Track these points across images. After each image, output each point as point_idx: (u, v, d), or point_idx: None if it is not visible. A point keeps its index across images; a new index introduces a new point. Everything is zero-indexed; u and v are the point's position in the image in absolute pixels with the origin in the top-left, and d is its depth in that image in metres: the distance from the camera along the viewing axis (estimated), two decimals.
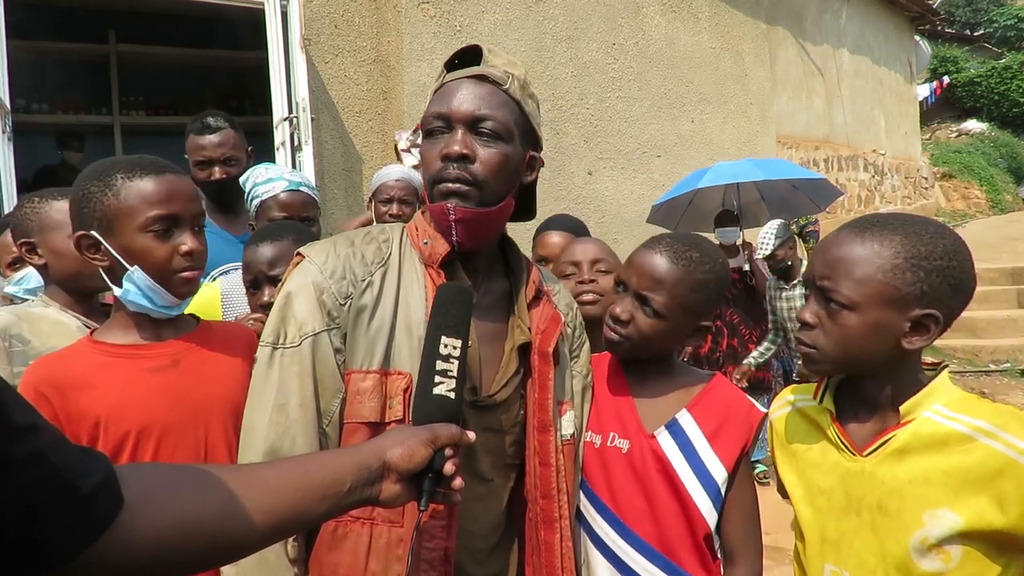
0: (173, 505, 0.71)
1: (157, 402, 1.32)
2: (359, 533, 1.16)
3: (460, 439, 0.99)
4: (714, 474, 1.34)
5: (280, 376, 1.15)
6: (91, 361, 1.33)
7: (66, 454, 0.63)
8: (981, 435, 1.07)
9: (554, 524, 1.27)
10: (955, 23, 22.34)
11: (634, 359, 1.44)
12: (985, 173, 16.03)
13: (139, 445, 1.30)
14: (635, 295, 1.37)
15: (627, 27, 6.03)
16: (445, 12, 4.78)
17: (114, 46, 5.77)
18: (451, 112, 1.19)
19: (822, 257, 1.18)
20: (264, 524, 0.78)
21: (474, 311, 1.22)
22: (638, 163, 6.14)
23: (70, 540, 0.63)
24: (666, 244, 1.38)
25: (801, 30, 8.72)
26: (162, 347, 1.38)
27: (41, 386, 1.28)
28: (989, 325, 8.35)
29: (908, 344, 1.12)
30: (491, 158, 1.19)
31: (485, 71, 1.20)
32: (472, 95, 1.19)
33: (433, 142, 1.21)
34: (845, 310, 1.13)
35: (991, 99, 18.47)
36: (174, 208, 1.33)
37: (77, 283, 1.69)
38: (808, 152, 8.92)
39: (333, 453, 1.02)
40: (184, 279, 1.36)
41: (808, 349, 1.19)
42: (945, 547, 1.08)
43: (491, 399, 1.25)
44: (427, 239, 1.25)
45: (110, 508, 0.66)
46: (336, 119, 4.40)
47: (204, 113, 2.62)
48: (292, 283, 1.19)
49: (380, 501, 0.92)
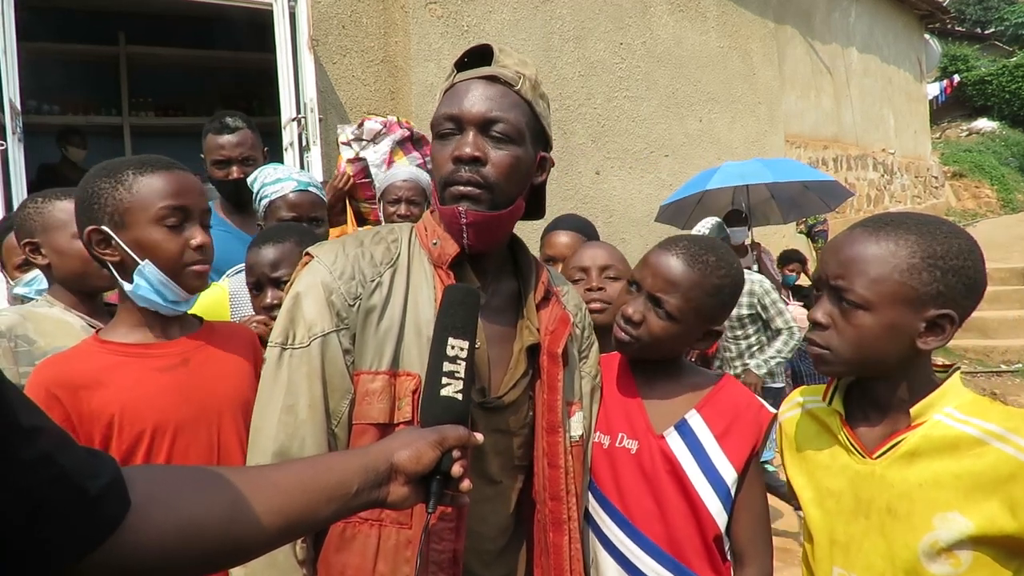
0: (180, 507, 0.71)
1: (169, 400, 1.33)
2: (367, 535, 1.15)
3: (468, 441, 0.98)
4: (724, 475, 1.33)
5: (289, 377, 1.15)
6: (100, 360, 1.33)
7: (73, 456, 0.63)
8: (992, 439, 1.06)
9: (563, 526, 1.26)
10: (965, 21, 22.19)
11: (643, 360, 1.44)
12: (996, 172, 15.92)
13: (154, 444, 1.31)
14: (648, 296, 1.37)
15: (635, 27, 6.02)
16: (453, 12, 4.79)
17: (123, 47, 5.80)
18: (462, 114, 1.17)
19: (835, 256, 1.16)
20: (272, 526, 0.78)
21: (483, 312, 1.22)
22: (646, 163, 6.13)
23: (77, 542, 0.63)
24: (683, 247, 1.37)
25: (810, 29, 8.69)
26: (170, 346, 1.39)
27: (52, 386, 1.27)
28: (1000, 325, 8.30)
29: (923, 344, 1.11)
30: (503, 160, 1.18)
31: (496, 72, 1.19)
32: (483, 96, 1.18)
33: (444, 144, 1.20)
34: (860, 310, 1.11)
35: (1002, 98, 18.33)
36: (186, 201, 1.35)
37: (81, 283, 1.70)
38: (817, 151, 8.88)
39: (341, 455, 1.02)
40: (195, 272, 1.37)
41: (821, 350, 1.18)
42: (955, 551, 1.07)
43: (500, 400, 1.24)
44: (436, 240, 1.24)
45: (117, 510, 0.66)
46: (344, 119, 4.41)
47: (222, 113, 2.64)
48: (301, 283, 1.19)
49: (388, 503, 0.92)
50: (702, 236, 1.48)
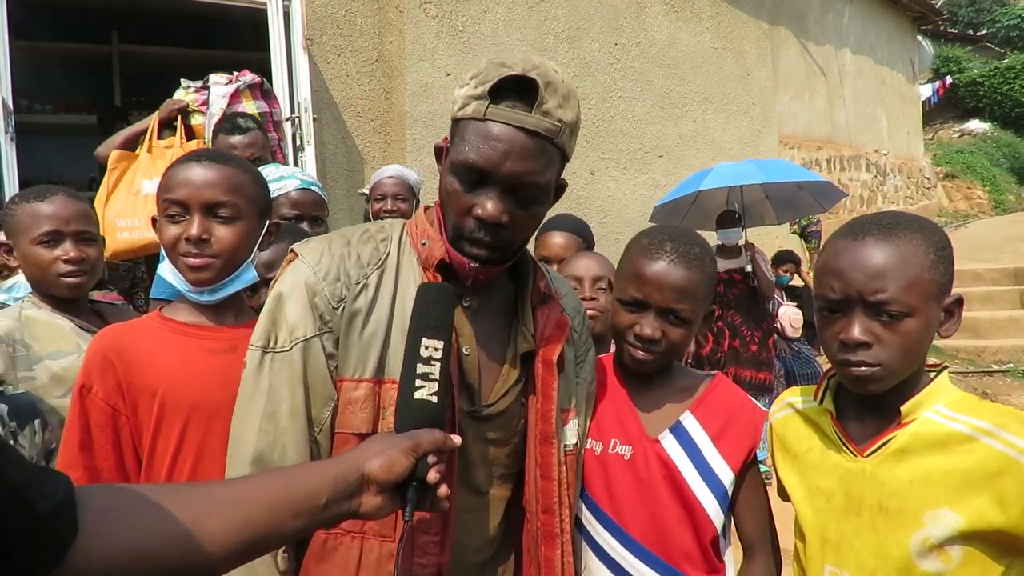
0: (130, 531, 0.69)
1: (212, 382, 1.35)
2: (349, 547, 1.12)
3: (444, 444, 0.94)
4: (720, 476, 1.33)
5: (271, 382, 1.11)
6: (157, 336, 1.40)
7: (24, 472, 0.61)
8: (982, 435, 1.08)
9: (555, 539, 1.22)
10: (958, 23, 22.30)
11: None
12: (988, 173, 16.00)
13: (190, 422, 1.35)
14: (659, 310, 1.34)
15: (629, 27, 6.03)
16: (447, 12, 4.78)
17: (117, 46, 5.78)
18: (493, 170, 1.08)
19: (862, 273, 1.11)
20: (229, 545, 0.75)
21: (475, 315, 1.20)
22: (640, 163, 6.14)
23: (28, 563, 0.61)
24: (671, 250, 1.35)
25: (803, 30, 8.71)
26: (222, 331, 1.44)
27: (109, 352, 1.35)
28: (992, 326, 8.33)
29: (945, 333, 1.16)
30: (524, 222, 1.14)
31: (538, 125, 1.07)
32: (519, 154, 1.07)
33: (463, 190, 1.11)
34: (906, 318, 1.10)
35: (994, 99, 18.41)
36: (181, 195, 1.38)
37: (42, 287, 1.71)
38: (810, 152, 8.91)
39: (310, 466, 1.00)
40: (187, 265, 1.38)
41: (870, 369, 1.12)
42: (946, 548, 1.08)
43: (490, 409, 1.20)
44: (425, 240, 1.19)
45: (66, 533, 0.64)
46: (338, 119, 4.40)
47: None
48: (284, 283, 1.15)
49: (360, 514, 0.89)
50: (668, 229, 1.43)
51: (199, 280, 1.39)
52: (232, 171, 1.42)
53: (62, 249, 1.66)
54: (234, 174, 1.42)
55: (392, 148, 4.63)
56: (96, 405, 1.32)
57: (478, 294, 1.23)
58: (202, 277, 1.39)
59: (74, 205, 1.70)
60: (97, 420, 1.32)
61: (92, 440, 1.32)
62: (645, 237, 1.41)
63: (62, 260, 1.66)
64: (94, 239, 1.73)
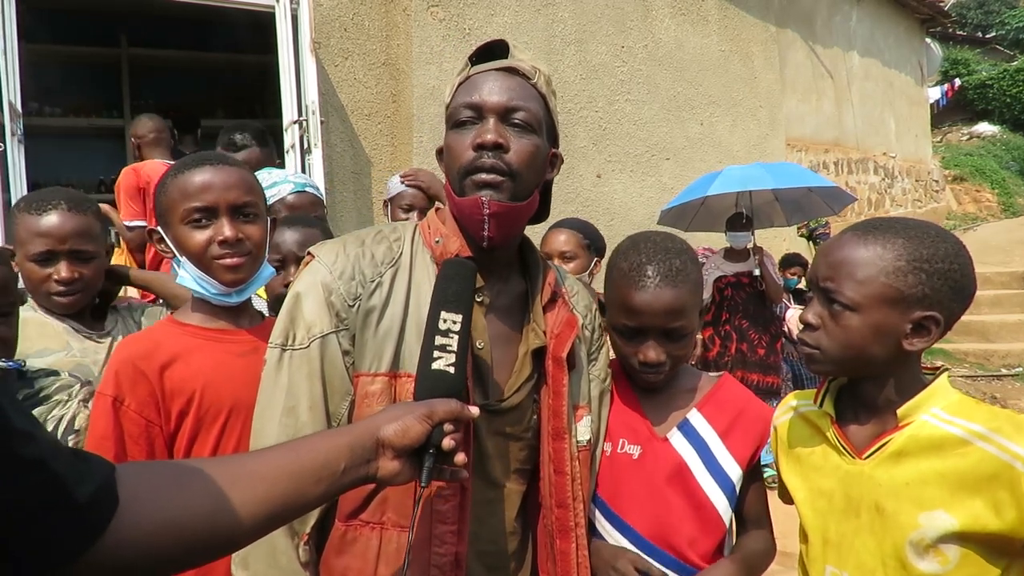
0: (160, 505, 0.72)
1: (243, 382, 1.36)
2: (369, 538, 1.15)
3: (460, 414, 0.97)
4: (729, 472, 1.35)
5: (290, 378, 1.15)
6: (182, 341, 1.42)
7: (64, 462, 0.63)
8: (976, 439, 1.08)
9: (569, 533, 1.25)
10: (966, 25, 22.23)
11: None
12: (996, 176, 15.92)
13: (228, 423, 1.38)
14: (657, 333, 1.35)
15: (636, 30, 6.03)
16: (454, 15, 4.79)
17: (125, 49, 5.83)
18: (483, 102, 1.17)
19: (825, 259, 1.20)
20: (257, 514, 0.78)
21: (488, 313, 1.23)
22: (647, 166, 6.13)
23: (65, 549, 0.63)
24: (652, 274, 1.32)
25: (811, 33, 8.69)
26: (242, 334, 1.47)
27: (139, 361, 1.36)
28: (1000, 329, 8.30)
29: (909, 345, 1.14)
30: (524, 148, 1.17)
31: (514, 64, 1.20)
32: (503, 86, 1.18)
33: (463, 132, 1.18)
34: (848, 311, 1.15)
35: (1003, 102, 18.32)
36: (208, 200, 1.40)
37: (37, 300, 1.70)
38: (818, 155, 8.89)
39: (325, 435, 1.02)
40: (223, 266, 1.40)
41: (811, 350, 1.21)
42: (941, 548, 1.09)
43: (503, 403, 1.23)
44: (439, 237, 1.23)
45: (106, 512, 0.66)
46: (345, 122, 4.41)
47: (234, 128, 2.68)
48: (301, 283, 1.19)
49: (378, 479, 0.91)
50: (643, 245, 1.37)
51: (237, 280, 1.42)
52: (244, 172, 1.48)
53: (55, 269, 1.63)
54: (246, 174, 1.48)
55: (399, 151, 4.63)
56: (130, 417, 1.33)
57: (491, 290, 1.25)
58: (240, 277, 1.42)
59: (72, 221, 1.64)
60: (131, 432, 1.33)
61: (126, 454, 1.33)
62: (623, 260, 1.37)
63: (54, 280, 1.63)
64: (92, 256, 1.68)
